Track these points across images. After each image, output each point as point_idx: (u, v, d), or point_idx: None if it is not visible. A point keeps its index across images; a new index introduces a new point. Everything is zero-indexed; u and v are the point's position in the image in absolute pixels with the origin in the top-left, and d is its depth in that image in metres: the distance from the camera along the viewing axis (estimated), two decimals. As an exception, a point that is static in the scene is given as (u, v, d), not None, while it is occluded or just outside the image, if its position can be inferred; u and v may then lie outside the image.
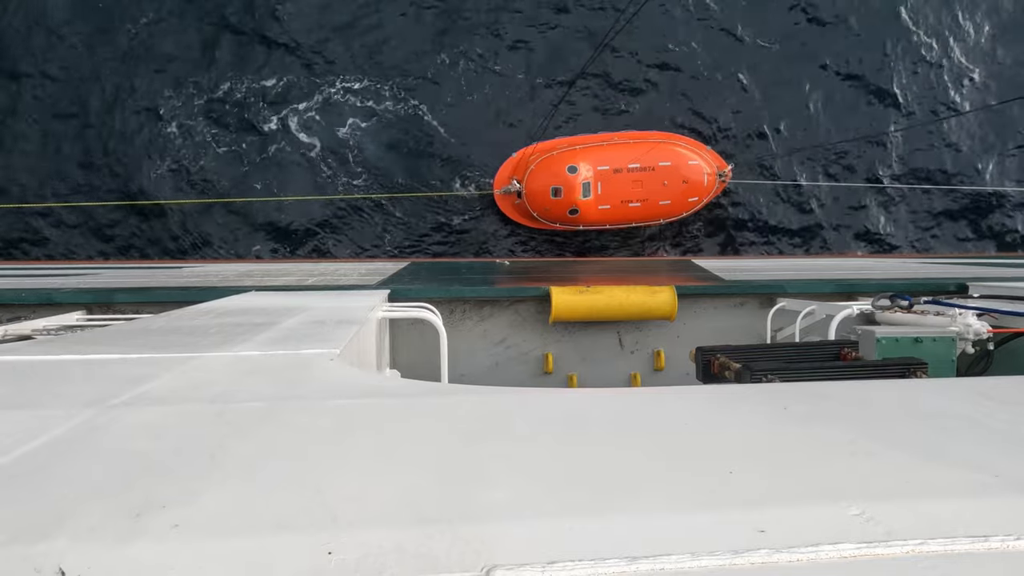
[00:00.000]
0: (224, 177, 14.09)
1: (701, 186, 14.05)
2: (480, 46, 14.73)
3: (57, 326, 4.49)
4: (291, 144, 14.27)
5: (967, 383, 2.20)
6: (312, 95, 14.39)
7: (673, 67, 15.08)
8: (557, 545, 0.91)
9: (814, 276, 7.77)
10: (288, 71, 14.38)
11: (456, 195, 14.45)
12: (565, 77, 14.05)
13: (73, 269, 9.79)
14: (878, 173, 15.52)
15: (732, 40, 15.33)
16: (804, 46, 15.52)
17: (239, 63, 14.33)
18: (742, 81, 15.24)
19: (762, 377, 3.24)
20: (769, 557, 0.88)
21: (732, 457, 1.31)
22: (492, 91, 14.69)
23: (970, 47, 16.25)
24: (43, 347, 2.78)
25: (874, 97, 15.70)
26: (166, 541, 0.91)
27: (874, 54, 15.74)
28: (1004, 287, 5.80)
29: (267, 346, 2.67)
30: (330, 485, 1.13)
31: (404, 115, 14.50)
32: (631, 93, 14.96)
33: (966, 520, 0.99)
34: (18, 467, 1.22)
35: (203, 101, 14.20)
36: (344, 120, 14.39)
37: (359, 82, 14.45)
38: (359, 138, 14.38)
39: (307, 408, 1.73)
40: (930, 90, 15.93)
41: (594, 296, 5.99)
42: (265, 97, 14.27)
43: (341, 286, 6.33)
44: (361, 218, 14.41)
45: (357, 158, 14.35)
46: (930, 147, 15.82)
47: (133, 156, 13.99)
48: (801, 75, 15.47)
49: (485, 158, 14.41)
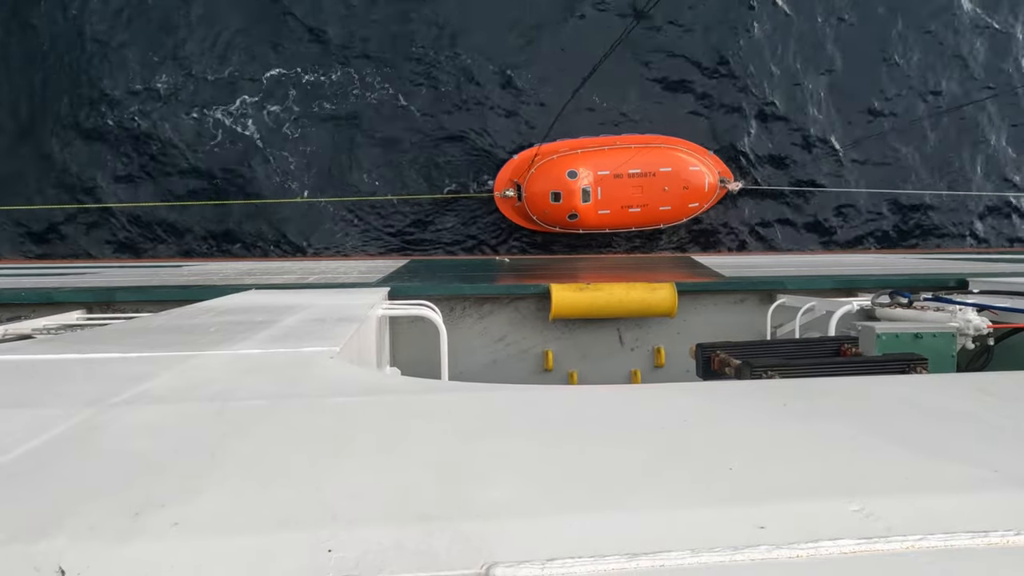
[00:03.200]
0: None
1: (702, 192, 14.04)
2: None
3: (57, 325, 4.49)
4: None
5: (967, 379, 2.20)
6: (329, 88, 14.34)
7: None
8: (557, 542, 0.91)
9: (814, 272, 7.77)
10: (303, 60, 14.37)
11: (459, 197, 14.44)
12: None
13: (73, 268, 9.79)
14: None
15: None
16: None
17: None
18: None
19: (762, 373, 3.24)
20: (769, 553, 0.88)
21: (732, 453, 1.31)
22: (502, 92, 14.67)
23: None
24: (43, 346, 2.78)
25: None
26: (166, 540, 0.91)
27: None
28: (1004, 283, 5.80)
29: (267, 344, 2.67)
30: (330, 483, 1.13)
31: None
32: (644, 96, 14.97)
33: (966, 515, 0.99)
34: (18, 466, 1.22)
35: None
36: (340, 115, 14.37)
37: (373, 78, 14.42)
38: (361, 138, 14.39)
39: (307, 406, 1.73)
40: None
41: (594, 293, 5.99)
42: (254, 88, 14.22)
43: (341, 284, 6.34)
44: (363, 219, 14.43)
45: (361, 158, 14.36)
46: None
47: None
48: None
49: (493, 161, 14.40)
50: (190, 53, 14.13)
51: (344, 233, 14.38)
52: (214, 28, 14.25)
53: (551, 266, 10.55)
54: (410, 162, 14.43)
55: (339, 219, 14.39)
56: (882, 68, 15.82)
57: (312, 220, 14.32)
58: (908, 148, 15.81)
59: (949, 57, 16.15)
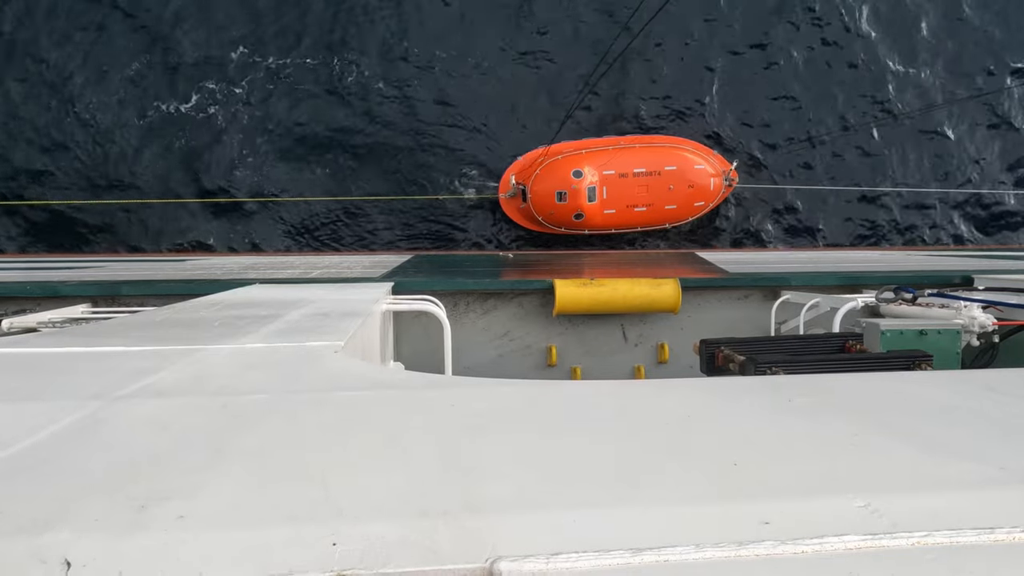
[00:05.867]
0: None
1: (707, 190, 14.03)
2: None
3: (62, 319, 4.51)
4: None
5: (972, 375, 2.19)
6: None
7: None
8: (561, 537, 0.91)
9: (818, 269, 7.75)
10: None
11: (462, 198, 14.42)
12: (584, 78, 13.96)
13: (78, 262, 9.82)
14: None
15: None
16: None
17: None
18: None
19: (766, 369, 3.23)
20: (774, 549, 0.88)
21: (737, 449, 1.31)
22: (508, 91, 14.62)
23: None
24: (48, 340, 2.79)
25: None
26: (171, 532, 0.92)
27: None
28: (1009, 279, 5.77)
29: (271, 338, 2.68)
30: (334, 477, 1.13)
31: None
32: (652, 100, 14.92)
33: (971, 512, 0.98)
34: (23, 459, 1.23)
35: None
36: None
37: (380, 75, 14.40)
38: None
39: (311, 400, 1.73)
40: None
41: (598, 289, 5.98)
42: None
43: (345, 279, 6.34)
44: (367, 216, 14.44)
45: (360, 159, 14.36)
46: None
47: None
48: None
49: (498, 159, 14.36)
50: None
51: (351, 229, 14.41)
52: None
53: (555, 261, 10.54)
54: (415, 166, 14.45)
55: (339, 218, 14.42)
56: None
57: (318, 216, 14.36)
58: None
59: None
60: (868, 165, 15.48)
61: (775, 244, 15.09)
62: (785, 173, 15.23)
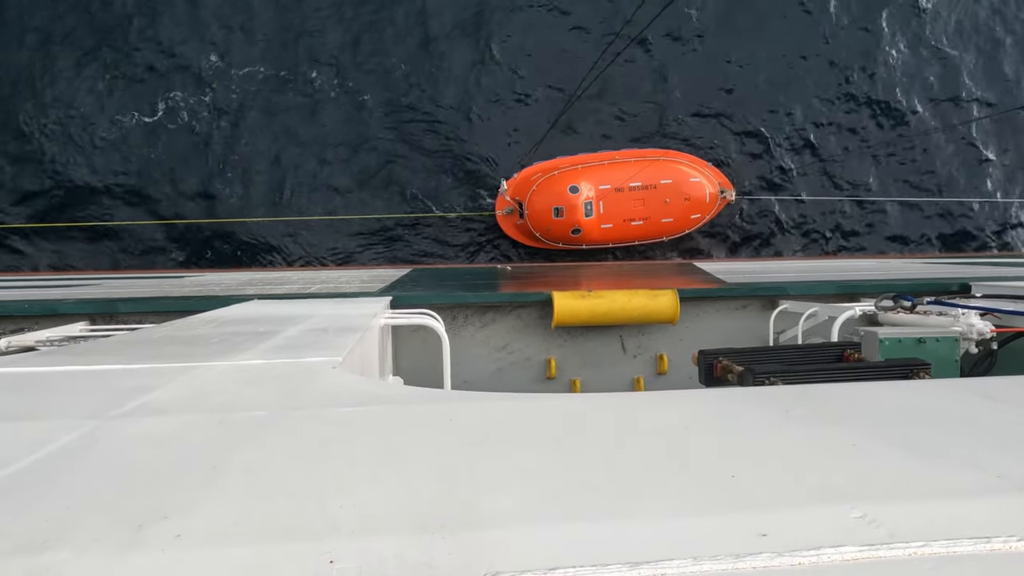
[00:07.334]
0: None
1: (703, 203, 14.10)
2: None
3: (60, 337, 4.50)
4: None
5: (971, 383, 2.19)
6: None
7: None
8: (558, 551, 0.91)
9: (816, 278, 7.76)
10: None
11: (463, 216, 14.47)
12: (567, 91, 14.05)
13: (75, 280, 9.82)
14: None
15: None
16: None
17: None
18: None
19: (765, 380, 3.24)
20: (771, 561, 0.88)
21: (735, 460, 1.31)
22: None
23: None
24: (46, 358, 2.79)
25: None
26: (168, 551, 0.91)
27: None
28: (1007, 287, 5.79)
29: (269, 355, 2.68)
30: (332, 493, 1.13)
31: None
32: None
33: (969, 521, 0.98)
34: (22, 478, 1.23)
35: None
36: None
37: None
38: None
39: (309, 416, 1.73)
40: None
41: (596, 300, 5.99)
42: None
43: (343, 293, 6.34)
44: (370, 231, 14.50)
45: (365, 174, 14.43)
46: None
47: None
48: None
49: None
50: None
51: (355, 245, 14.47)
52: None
53: (553, 273, 10.56)
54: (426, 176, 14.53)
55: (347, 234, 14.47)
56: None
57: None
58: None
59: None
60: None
61: (774, 253, 15.14)
62: (789, 182, 15.33)
